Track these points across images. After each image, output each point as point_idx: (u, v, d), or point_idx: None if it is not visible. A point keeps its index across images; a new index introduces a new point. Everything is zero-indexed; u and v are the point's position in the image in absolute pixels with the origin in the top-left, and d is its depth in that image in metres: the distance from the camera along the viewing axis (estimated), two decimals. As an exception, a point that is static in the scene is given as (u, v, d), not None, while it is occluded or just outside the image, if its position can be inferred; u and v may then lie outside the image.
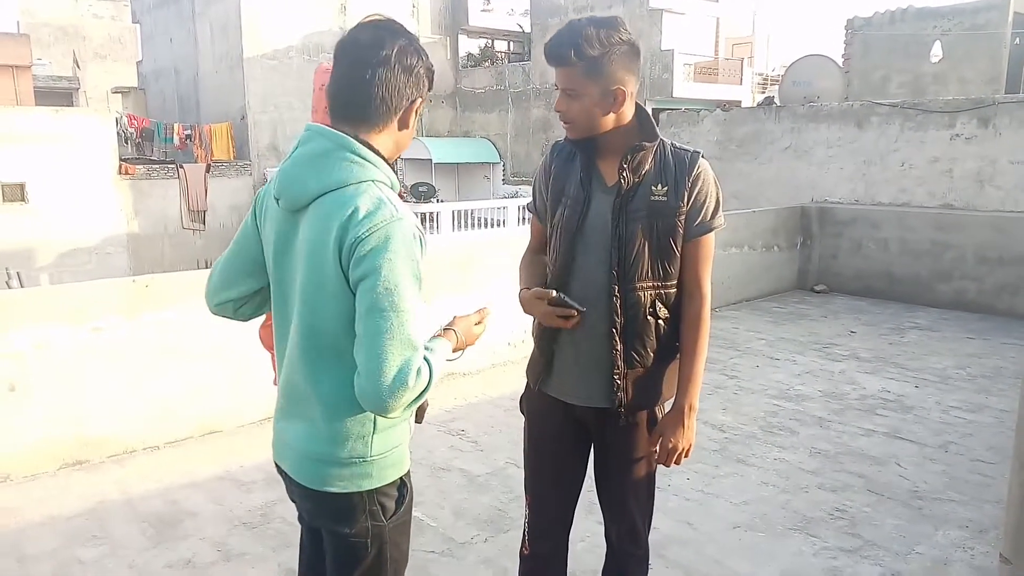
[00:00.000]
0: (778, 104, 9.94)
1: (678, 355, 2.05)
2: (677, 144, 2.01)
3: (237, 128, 23.80)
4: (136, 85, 29.98)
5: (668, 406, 2.08)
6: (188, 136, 23.06)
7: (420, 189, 23.39)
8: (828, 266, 8.21)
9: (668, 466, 2.06)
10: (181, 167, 21.29)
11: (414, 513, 3.36)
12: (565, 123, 1.95)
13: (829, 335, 6.50)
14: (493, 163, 26.21)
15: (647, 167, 1.95)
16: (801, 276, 8.36)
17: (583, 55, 1.84)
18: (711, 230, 1.99)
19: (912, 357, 5.87)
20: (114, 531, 3.26)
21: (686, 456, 2.05)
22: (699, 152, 2.00)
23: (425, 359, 1.47)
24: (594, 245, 1.99)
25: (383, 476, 1.60)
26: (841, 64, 11.95)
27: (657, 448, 2.05)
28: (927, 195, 8.29)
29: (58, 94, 27.27)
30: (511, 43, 30.40)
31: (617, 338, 1.97)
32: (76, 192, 21.49)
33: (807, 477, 3.80)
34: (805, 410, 4.73)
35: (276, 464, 1.70)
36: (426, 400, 2.12)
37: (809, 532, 3.27)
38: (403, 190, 24.78)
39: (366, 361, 1.41)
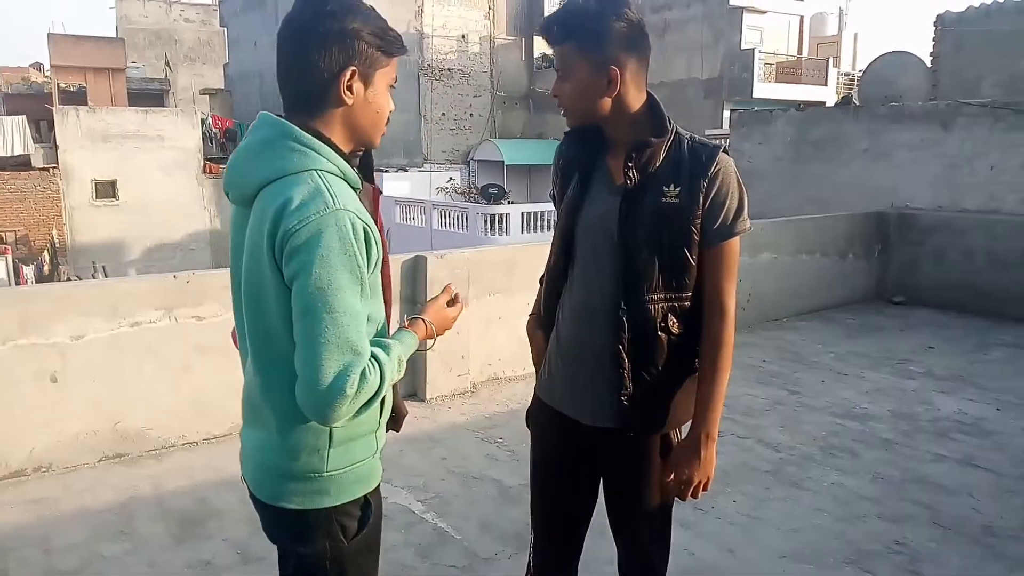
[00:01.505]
0: (856, 104, 9.44)
1: (696, 373, 1.85)
2: (697, 138, 1.81)
3: (315, 129, 24.31)
4: (223, 87, 31.07)
5: (685, 431, 1.89)
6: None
7: (490, 191, 23.41)
8: (907, 276, 7.71)
9: (684, 499, 1.86)
10: (262, 166, 21.87)
11: (439, 524, 3.29)
12: (561, 109, 1.79)
13: (904, 350, 6.08)
14: (566, 165, 25.99)
15: (657, 165, 1.75)
16: (879, 286, 7.88)
17: (573, 31, 1.70)
18: (734, 235, 1.77)
19: (995, 377, 5.41)
20: (140, 527, 3.25)
21: (704, 490, 1.85)
22: (720, 146, 1.79)
23: (375, 359, 1.35)
24: (597, 252, 1.81)
25: (343, 493, 1.48)
26: (929, 62, 11.29)
27: (671, 478, 1.86)
28: (1018, 202, 7.68)
29: (150, 95, 28.52)
30: (587, 44, 30.11)
31: (624, 355, 1.79)
32: (163, 190, 22.42)
33: (866, 505, 3.50)
34: (871, 431, 4.39)
35: (242, 475, 1.59)
36: (404, 407, 2.01)
37: (863, 567, 2.99)
38: (474, 191, 24.89)
39: (302, 368, 1.31)
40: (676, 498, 1.88)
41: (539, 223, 19.10)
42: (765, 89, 22.15)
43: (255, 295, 1.41)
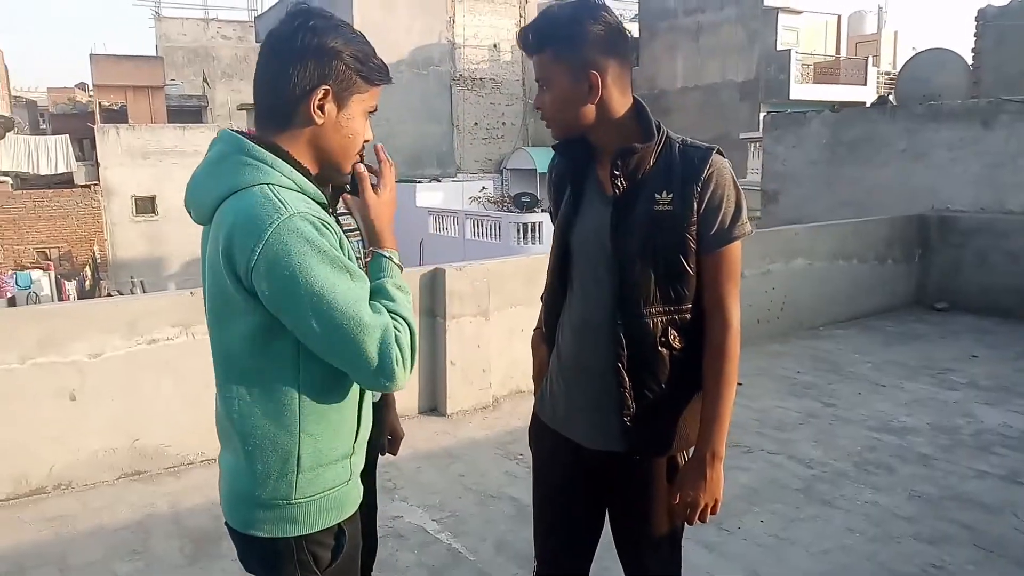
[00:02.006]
0: (893, 103, 9.16)
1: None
2: (689, 141, 1.73)
3: (350, 141, 24.53)
4: (259, 102, 31.52)
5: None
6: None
7: (523, 199, 23.35)
8: (949, 281, 7.42)
9: (691, 523, 1.76)
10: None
11: (452, 544, 3.21)
12: (544, 121, 1.72)
13: (946, 359, 5.83)
14: (600, 172, 25.92)
15: (646, 171, 1.67)
16: (919, 292, 7.61)
17: (549, 39, 1.63)
18: (732, 240, 1.68)
19: (1044, 386, 5.16)
20: (155, 546, 3.23)
21: (712, 513, 1.75)
22: (713, 148, 1.70)
23: (390, 313, 1.36)
24: (592, 266, 1.74)
25: (313, 522, 1.42)
26: (970, 59, 10.93)
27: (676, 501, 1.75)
28: (1068, 202, 7.36)
29: (188, 112, 29.09)
30: (619, 50, 29.98)
31: (624, 373, 1.70)
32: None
33: (902, 525, 3.33)
34: (908, 445, 4.20)
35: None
36: (400, 429, 1.91)
37: (897, 592, 2.84)
38: (507, 199, 24.87)
39: (348, 367, 1.34)
40: (684, 522, 1.78)
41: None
42: (802, 90, 21.79)
43: (217, 314, 1.38)
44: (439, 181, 24.27)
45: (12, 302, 18.45)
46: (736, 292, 1.72)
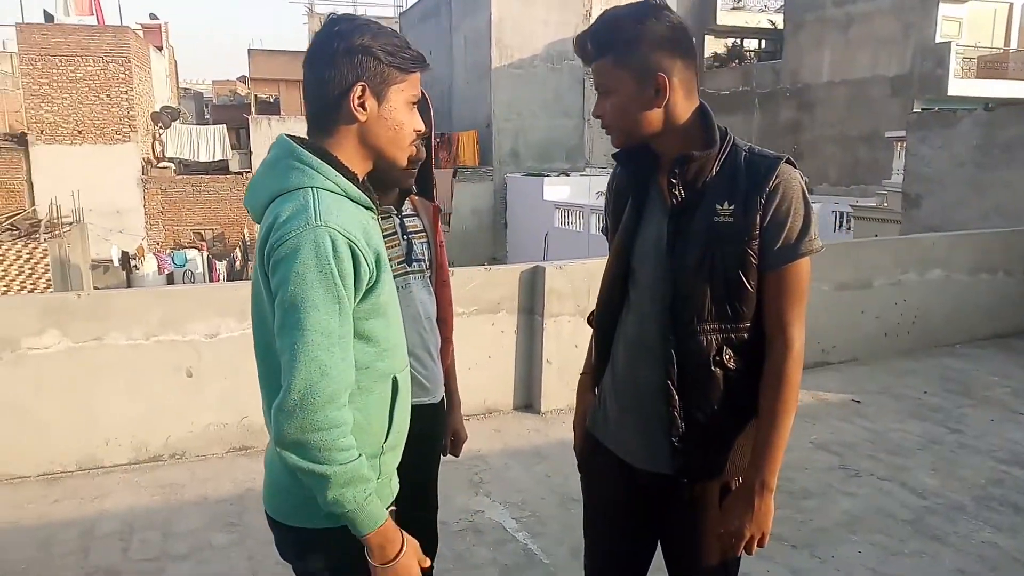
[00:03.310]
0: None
1: None
2: (757, 149, 1.62)
3: (482, 135, 24.99)
4: (400, 95, 32.68)
5: None
6: (439, 143, 24.66)
7: None
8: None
9: (736, 554, 1.66)
10: (429, 171, 22.79)
11: (528, 544, 3.21)
12: (605, 130, 1.65)
13: (1103, 387, 5.23)
14: (735, 169, 25.13)
15: (707, 180, 1.58)
16: (1080, 310, 6.85)
17: (609, 43, 1.55)
18: (798, 257, 1.57)
19: None
20: (250, 520, 3.41)
21: (759, 546, 1.64)
22: (782, 157, 1.59)
23: (358, 457, 1.34)
24: (646, 278, 1.67)
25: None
26: None
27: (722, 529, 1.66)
28: None
29: (336, 104, 30.51)
30: (762, 41, 28.83)
31: (674, 392, 1.62)
32: (342, 193, 23.93)
33: (1020, 571, 3.01)
34: (1043, 482, 3.80)
35: None
36: (463, 431, 1.91)
37: (1005, 646, 2.57)
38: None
39: (281, 381, 1.31)
40: (729, 551, 1.68)
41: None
42: (962, 86, 20.14)
43: (257, 309, 1.43)
44: (567, 175, 24.25)
45: (170, 279, 20.12)
46: (801, 313, 1.61)
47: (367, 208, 1.46)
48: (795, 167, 1.60)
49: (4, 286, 12.97)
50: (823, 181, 22.43)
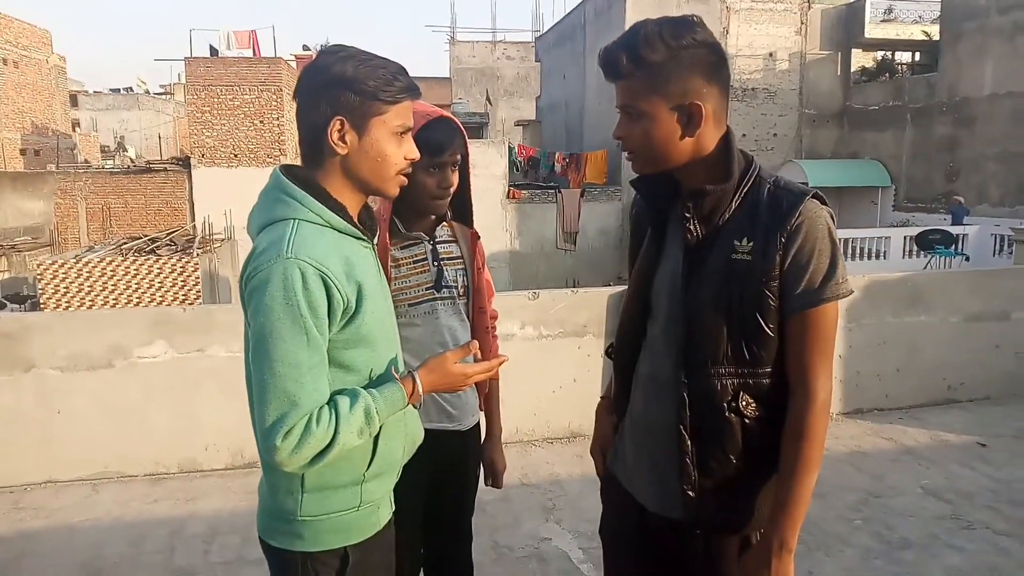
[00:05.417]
0: None
1: None
2: (783, 182, 1.49)
3: (612, 155, 24.87)
4: (534, 118, 33.21)
5: None
6: (567, 163, 24.79)
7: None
8: None
9: (753, 614, 1.52)
10: (559, 191, 22.95)
11: (575, 560, 3.09)
12: (626, 153, 1.55)
13: None
14: (883, 187, 23.70)
15: (726, 215, 1.48)
16: None
17: (641, 61, 1.43)
18: (823, 302, 1.44)
19: None
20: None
21: None
22: (807, 192, 1.46)
23: (335, 409, 1.35)
24: (661, 315, 1.59)
25: (318, 541, 1.47)
26: None
27: None
28: None
29: (471, 128, 31.41)
30: (915, 53, 27.04)
31: (687, 437, 1.53)
32: (474, 213, 24.50)
33: None
34: None
35: None
36: (502, 460, 2.21)
37: None
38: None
39: (254, 419, 1.38)
40: None
41: (847, 250, 17.43)
42: None
43: (245, 335, 1.47)
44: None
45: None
46: (826, 362, 1.47)
47: (358, 238, 1.47)
48: (824, 203, 1.47)
49: (160, 296, 14.23)
50: (983, 201, 20.64)
